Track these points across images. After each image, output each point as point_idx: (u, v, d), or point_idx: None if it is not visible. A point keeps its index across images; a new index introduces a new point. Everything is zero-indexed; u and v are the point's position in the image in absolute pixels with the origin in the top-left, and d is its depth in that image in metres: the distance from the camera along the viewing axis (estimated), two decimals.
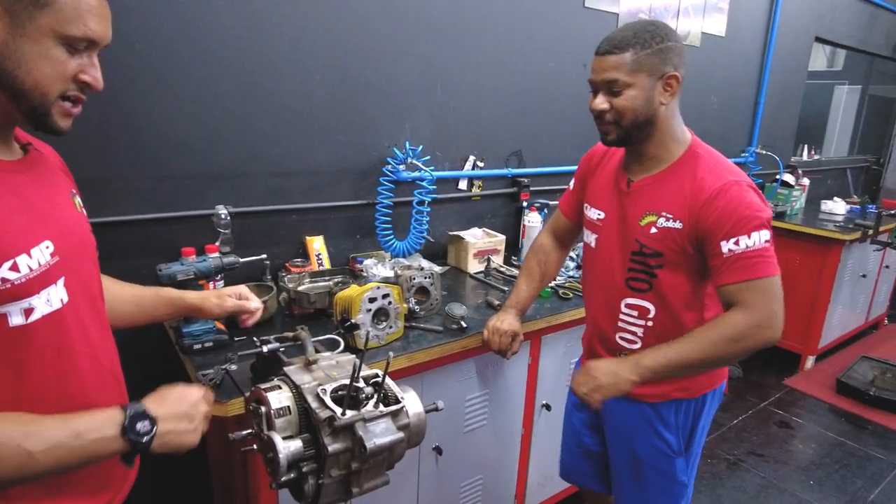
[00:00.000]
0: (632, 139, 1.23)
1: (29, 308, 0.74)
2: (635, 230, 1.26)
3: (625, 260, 1.29)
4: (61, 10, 0.71)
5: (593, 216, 1.37)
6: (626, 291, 1.31)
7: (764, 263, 1.13)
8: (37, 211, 0.78)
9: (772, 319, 1.13)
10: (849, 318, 3.87)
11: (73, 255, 0.82)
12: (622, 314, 1.33)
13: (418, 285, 1.65)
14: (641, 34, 1.16)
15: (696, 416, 1.35)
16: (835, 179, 4.78)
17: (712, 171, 1.19)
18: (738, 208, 1.13)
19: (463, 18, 2.14)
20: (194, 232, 1.69)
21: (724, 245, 1.14)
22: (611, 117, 1.21)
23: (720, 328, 1.15)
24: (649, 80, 1.17)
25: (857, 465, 2.70)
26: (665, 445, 1.35)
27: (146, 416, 0.78)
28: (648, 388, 1.29)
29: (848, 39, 4.19)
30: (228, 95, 1.70)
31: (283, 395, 0.95)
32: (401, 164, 2.02)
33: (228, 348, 1.41)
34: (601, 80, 1.19)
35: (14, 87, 0.72)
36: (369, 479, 0.95)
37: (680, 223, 1.20)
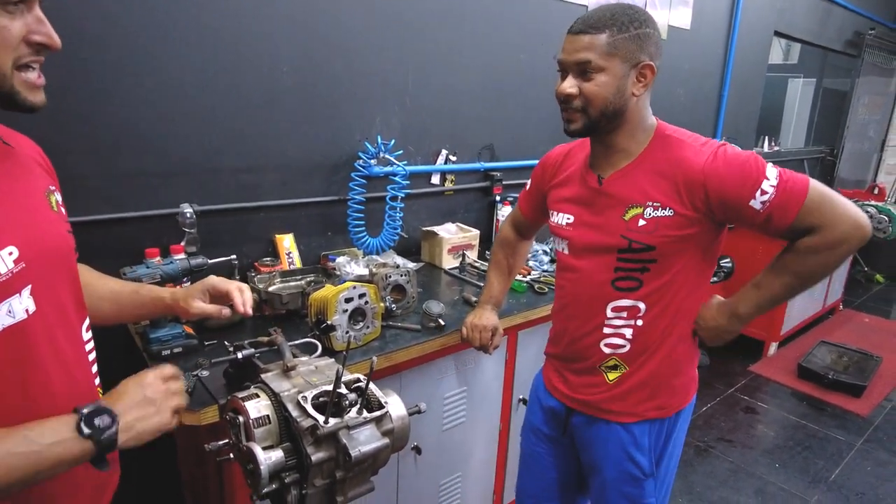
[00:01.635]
0: (598, 130, 1.16)
1: None
2: (619, 227, 1.18)
3: (610, 260, 1.21)
4: None
5: (561, 221, 1.29)
6: (612, 294, 1.22)
7: (794, 186, 1.07)
8: (3, 212, 0.71)
9: (851, 218, 1.07)
10: (808, 304, 4.02)
11: (42, 261, 0.75)
12: (608, 318, 1.23)
13: (394, 283, 1.62)
14: (620, 16, 1.09)
15: (668, 434, 1.31)
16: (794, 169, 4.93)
17: (688, 147, 1.13)
18: (736, 167, 1.08)
19: (433, 9, 2.10)
20: (158, 232, 1.61)
21: (754, 203, 1.08)
22: (579, 103, 1.13)
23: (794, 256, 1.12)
24: (623, 67, 1.10)
25: (818, 446, 2.80)
26: (636, 468, 1.29)
27: (103, 410, 0.72)
28: (625, 405, 1.26)
29: (804, 34, 4.32)
30: (190, 87, 1.62)
31: (262, 403, 0.90)
32: (372, 159, 1.97)
33: (198, 353, 1.35)
34: (573, 60, 1.11)
35: None
36: (354, 487, 0.92)
37: (671, 210, 1.13)
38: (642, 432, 1.28)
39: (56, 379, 0.78)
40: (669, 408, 1.28)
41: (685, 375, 1.29)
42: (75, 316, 0.84)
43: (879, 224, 3.18)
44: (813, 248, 1.09)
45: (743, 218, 1.11)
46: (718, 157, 1.10)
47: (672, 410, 1.28)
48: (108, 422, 0.72)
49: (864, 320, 4.48)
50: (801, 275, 1.14)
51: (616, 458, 1.30)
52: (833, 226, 1.07)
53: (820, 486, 2.50)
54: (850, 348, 3.68)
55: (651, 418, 1.27)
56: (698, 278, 1.23)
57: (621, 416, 1.28)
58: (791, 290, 1.17)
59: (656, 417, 1.27)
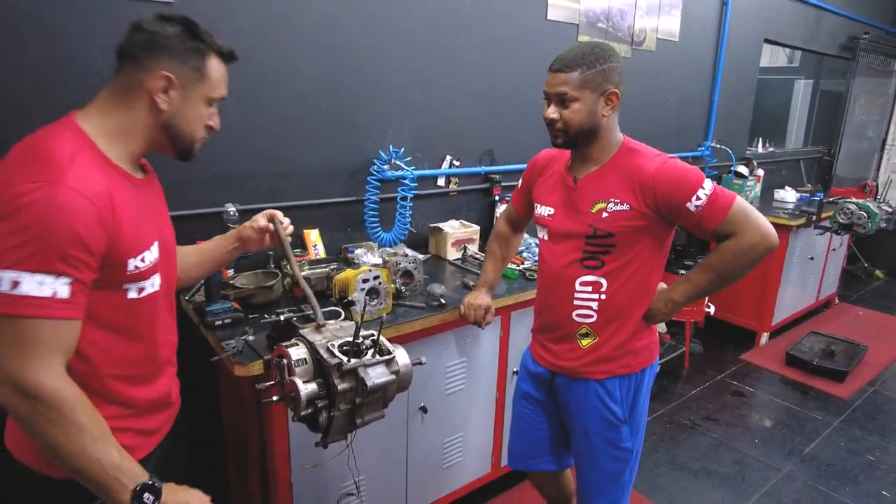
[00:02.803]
0: (577, 144, 1.47)
1: (141, 288, 1.02)
2: (587, 217, 1.47)
3: (579, 244, 1.48)
4: (211, 81, 1.04)
5: (544, 213, 1.58)
6: (580, 270, 1.49)
7: (724, 197, 1.37)
8: (153, 219, 1.06)
9: (761, 231, 1.36)
10: (800, 297, 4.22)
11: (166, 254, 1.10)
12: (577, 292, 1.51)
13: (403, 269, 1.92)
14: (588, 56, 1.39)
15: (636, 388, 1.58)
16: (790, 170, 5.14)
17: (644, 157, 1.44)
18: (679, 175, 1.38)
19: (438, 34, 2.41)
20: (207, 227, 1.93)
21: (689, 205, 1.36)
22: (560, 125, 1.44)
23: (718, 255, 1.40)
24: (593, 96, 1.40)
25: (797, 425, 3.04)
26: (612, 416, 1.56)
27: (158, 493, 0.95)
28: (597, 367, 1.54)
29: (794, 40, 4.54)
30: (233, 106, 1.94)
31: (301, 350, 1.21)
32: (385, 165, 2.28)
33: (244, 323, 1.67)
34: (553, 92, 1.43)
35: (177, 135, 1.04)
36: (369, 412, 1.22)
37: (627, 205, 1.41)
38: (614, 386, 1.56)
39: (163, 330, 1.13)
40: (635, 365, 1.56)
41: (646, 340, 1.58)
42: (174, 290, 1.20)
43: (859, 220, 3.39)
44: (730, 249, 1.39)
45: (681, 216, 1.41)
46: (667, 166, 1.40)
47: (638, 367, 1.57)
48: (151, 500, 0.94)
49: (858, 313, 4.66)
50: (720, 272, 1.44)
51: (595, 408, 1.57)
52: (746, 233, 1.37)
53: (794, 459, 2.74)
54: (838, 338, 3.89)
55: (620, 374, 1.55)
56: (653, 263, 1.52)
57: (595, 374, 1.55)
58: (713, 284, 1.47)
59: (624, 373, 1.56)
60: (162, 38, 0.98)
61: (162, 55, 0.98)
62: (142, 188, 1.05)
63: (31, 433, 0.89)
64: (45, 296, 0.85)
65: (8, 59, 1.55)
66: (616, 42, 3.13)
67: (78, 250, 0.87)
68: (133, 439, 1.08)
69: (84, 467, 0.90)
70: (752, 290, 3.89)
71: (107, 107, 0.99)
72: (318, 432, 1.21)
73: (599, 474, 1.61)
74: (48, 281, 0.85)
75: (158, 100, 0.99)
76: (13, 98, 1.58)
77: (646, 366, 1.59)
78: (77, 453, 0.89)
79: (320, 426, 1.19)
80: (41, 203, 0.84)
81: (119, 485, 0.92)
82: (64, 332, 0.89)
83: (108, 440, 0.93)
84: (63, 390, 0.89)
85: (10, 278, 0.83)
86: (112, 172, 0.97)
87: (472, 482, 2.22)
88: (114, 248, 0.93)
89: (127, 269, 0.97)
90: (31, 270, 0.84)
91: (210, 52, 1.04)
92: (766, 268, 3.81)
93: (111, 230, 0.92)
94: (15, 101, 1.58)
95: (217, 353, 1.56)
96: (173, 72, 0.99)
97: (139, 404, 1.08)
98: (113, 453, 0.92)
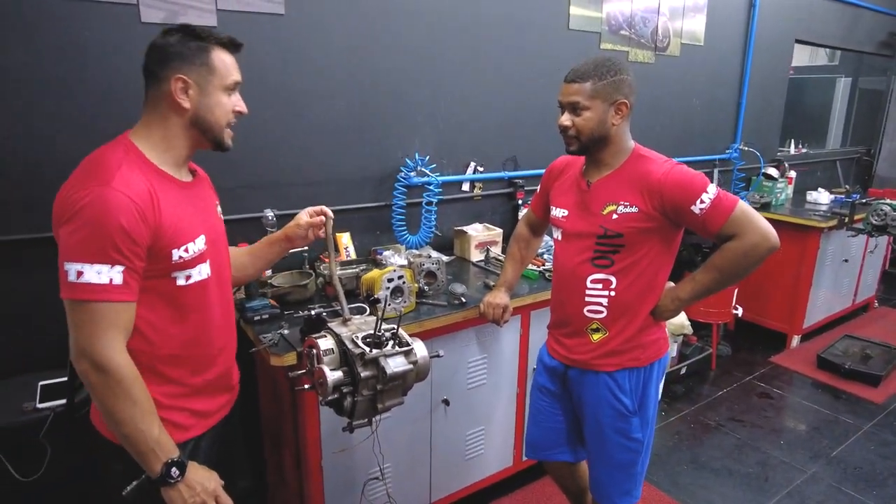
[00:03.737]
0: (589, 150, 1.57)
1: (188, 276, 1.17)
2: (599, 218, 1.57)
3: (591, 243, 1.57)
4: (220, 71, 1.16)
5: (559, 214, 1.69)
6: (591, 269, 1.58)
7: (727, 200, 1.45)
8: (199, 215, 1.21)
9: (761, 232, 1.43)
10: (833, 300, 4.15)
11: (215, 246, 1.26)
12: (588, 289, 1.60)
13: (427, 269, 2.05)
14: (600, 68, 1.50)
15: (645, 381, 1.66)
16: (826, 171, 5.05)
17: (654, 163, 1.53)
18: (685, 180, 1.47)
19: (462, 47, 2.53)
20: (247, 230, 2.11)
21: (694, 208, 1.44)
22: (573, 132, 1.54)
23: (721, 256, 1.48)
24: (604, 105, 1.50)
25: (825, 427, 3.02)
26: (622, 407, 1.64)
27: (183, 469, 1.11)
28: (607, 360, 1.62)
29: (829, 39, 4.48)
30: (272, 121, 2.12)
31: (329, 341, 1.35)
32: (412, 171, 2.42)
33: (280, 319, 1.83)
34: (567, 101, 1.54)
35: (205, 126, 1.17)
36: (389, 399, 1.35)
37: (636, 208, 1.50)
38: (623, 377, 1.64)
39: (216, 316, 1.27)
40: (643, 359, 1.64)
41: (654, 335, 1.65)
42: (228, 278, 1.35)
43: (893, 221, 3.34)
44: (733, 249, 1.47)
45: (687, 219, 1.49)
46: (674, 171, 1.50)
47: (646, 361, 1.65)
48: (177, 474, 1.11)
49: None
50: (724, 271, 1.51)
51: (606, 399, 1.65)
52: (748, 235, 1.45)
53: (820, 461, 2.73)
54: (875, 342, 3.81)
55: (629, 367, 1.64)
56: (661, 262, 1.60)
57: (605, 367, 1.64)
58: (717, 283, 1.54)
59: (633, 366, 1.64)
60: (168, 48, 1.12)
61: (172, 62, 1.12)
62: (188, 189, 1.21)
63: (97, 400, 1.07)
64: (103, 283, 1.02)
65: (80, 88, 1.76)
66: (639, 49, 3.19)
67: (125, 240, 1.02)
68: (188, 419, 1.23)
69: (131, 435, 1.07)
70: (782, 292, 3.87)
71: (148, 122, 1.16)
72: (343, 416, 1.34)
73: (611, 464, 1.70)
74: (105, 270, 1.02)
75: (180, 100, 1.13)
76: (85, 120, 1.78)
77: (654, 360, 1.66)
78: (127, 422, 1.06)
79: (345, 410, 1.32)
80: (93, 204, 1.01)
81: (154, 456, 1.09)
82: (122, 313, 1.06)
83: (153, 417, 1.09)
84: (125, 366, 1.06)
85: (76, 269, 1.01)
86: (158, 176, 1.13)
87: (493, 474, 2.32)
88: (157, 239, 1.08)
89: (172, 259, 1.12)
90: (90, 261, 1.01)
91: (211, 46, 1.15)
92: (796, 269, 3.78)
93: (152, 224, 1.07)
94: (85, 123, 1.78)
95: (255, 345, 1.72)
96: (185, 73, 1.12)
97: (193, 385, 1.23)
98: (154, 429, 1.09)
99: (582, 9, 2.89)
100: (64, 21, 1.70)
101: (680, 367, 3.39)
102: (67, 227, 1.02)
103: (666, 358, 1.72)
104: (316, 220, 1.48)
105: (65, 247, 1.02)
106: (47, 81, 1.72)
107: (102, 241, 1.01)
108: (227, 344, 1.34)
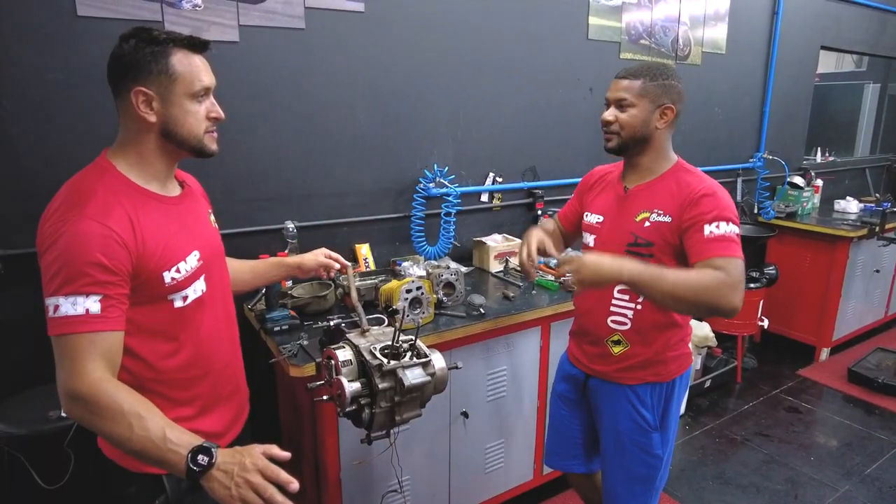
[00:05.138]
0: (628, 150, 1.54)
1: (185, 296, 1.13)
2: (631, 225, 1.54)
3: (620, 251, 1.51)
4: (184, 78, 1.06)
5: (593, 220, 1.66)
6: None
7: (738, 247, 1.39)
8: (189, 230, 1.16)
9: (738, 288, 1.31)
10: (865, 311, 4.03)
11: (210, 259, 1.21)
12: (615, 299, 1.57)
13: (445, 280, 2.04)
14: (653, 69, 1.50)
15: (667, 397, 1.62)
16: (855, 179, 4.93)
17: (699, 178, 1.50)
18: (721, 206, 1.41)
19: (480, 58, 2.54)
20: (268, 242, 2.13)
21: (707, 228, 1.38)
22: (615, 128, 1.52)
23: (699, 274, 1.33)
24: (650, 106, 1.49)
25: (858, 444, 2.92)
26: (643, 421, 1.61)
27: (211, 454, 0.95)
28: (629, 374, 1.59)
29: (856, 45, 4.39)
30: (291, 134, 2.14)
31: (347, 352, 1.35)
32: (430, 183, 2.42)
33: (299, 329, 1.84)
34: (614, 97, 1.52)
35: (178, 138, 1.09)
36: (407, 411, 1.33)
37: (669, 217, 1.46)
38: (644, 392, 1.61)
39: (218, 329, 1.25)
40: (666, 375, 1.60)
41: (677, 351, 1.61)
42: (227, 290, 1.32)
43: None
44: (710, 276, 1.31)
45: (690, 235, 1.42)
46: (716, 193, 1.43)
47: (668, 377, 1.61)
48: (205, 462, 0.95)
49: None
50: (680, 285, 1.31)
51: (627, 412, 1.62)
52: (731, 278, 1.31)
53: (852, 479, 2.64)
54: None
55: (651, 381, 1.60)
56: None
57: (626, 380, 1.61)
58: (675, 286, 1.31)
59: (655, 381, 1.60)
60: (122, 58, 1.03)
61: (128, 74, 1.03)
62: (175, 204, 1.15)
63: (90, 429, 1.00)
64: (79, 314, 0.97)
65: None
66: (659, 58, 3.16)
67: (99, 271, 0.97)
68: None
69: (138, 447, 0.97)
70: (810, 304, 3.77)
71: (122, 139, 1.10)
72: (361, 427, 1.34)
73: (630, 477, 1.65)
74: (80, 301, 0.97)
75: (144, 115, 1.04)
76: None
77: (676, 376, 1.62)
78: (127, 437, 0.96)
79: (363, 422, 1.32)
80: (66, 235, 0.97)
81: (174, 455, 0.95)
82: (101, 342, 0.99)
83: (151, 418, 0.97)
84: (98, 383, 0.97)
85: (52, 304, 0.97)
86: (140, 196, 1.08)
87: (513, 488, 2.29)
88: (143, 263, 1.04)
89: (165, 282, 1.08)
90: (64, 294, 0.96)
91: (170, 50, 1.04)
92: (826, 281, 3.69)
93: (133, 249, 1.02)
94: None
95: (275, 355, 1.73)
96: (144, 84, 1.03)
97: (201, 405, 1.20)
98: (157, 430, 0.96)
99: (601, 19, 2.89)
100: (87, 37, 1.75)
101: (704, 379, 3.32)
102: (44, 261, 1.00)
103: (688, 373, 1.68)
104: (331, 263, 1.53)
105: (43, 282, 0.99)
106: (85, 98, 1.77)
107: (75, 274, 0.96)
108: (232, 359, 1.30)
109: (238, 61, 1.98)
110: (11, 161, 1.72)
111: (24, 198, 1.73)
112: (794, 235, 3.80)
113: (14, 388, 1.76)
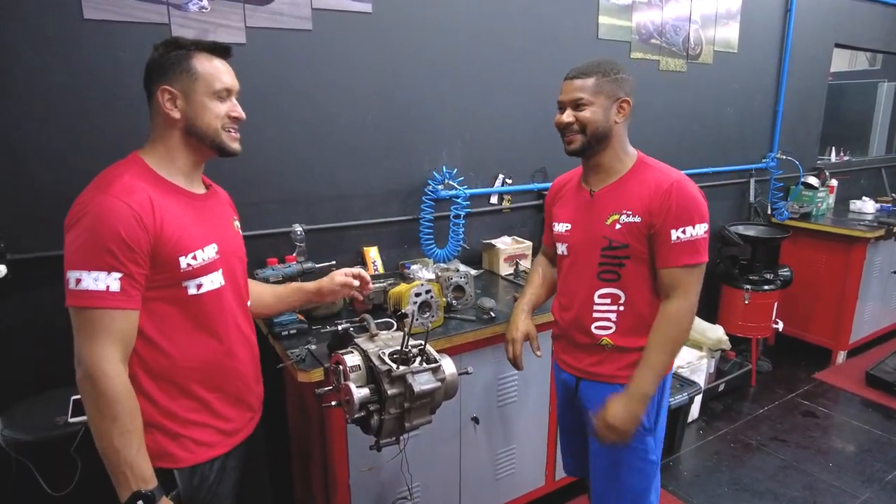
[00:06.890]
0: (591, 148, 1.50)
1: (199, 284, 1.17)
2: (603, 229, 1.49)
3: (595, 257, 1.51)
4: (205, 77, 1.16)
5: (561, 230, 1.61)
6: (598, 283, 1.52)
7: (702, 251, 1.42)
8: (210, 225, 1.22)
9: (694, 304, 1.44)
10: (882, 314, 3.96)
11: (228, 255, 1.25)
12: (596, 304, 1.53)
13: (455, 284, 2.01)
14: (602, 65, 1.48)
15: (659, 396, 1.57)
16: (870, 179, 4.85)
17: (662, 172, 1.48)
18: (687, 202, 1.41)
19: (490, 56, 2.51)
20: (276, 245, 2.11)
21: (673, 233, 1.41)
22: (577, 127, 1.48)
23: (673, 326, 1.45)
24: (607, 102, 1.46)
25: (878, 450, 2.85)
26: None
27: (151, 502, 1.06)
28: (622, 372, 1.53)
29: (871, 43, 4.32)
30: (298, 135, 2.12)
31: (355, 357, 1.32)
32: (439, 185, 2.40)
33: (308, 334, 1.81)
34: (569, 99, 1.48)
35: (199, 133, 1.17)
36: (417, 417, 1.31)
37: (639, 217, 1.45)
38: None
39: (236, 325, 1.26)
40: None
41: None
42: (244, 291, 1.34)
43: None
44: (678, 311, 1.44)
45: (657, 237, 1.44)
46: (680, 186, 1.43)
47: None
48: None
49: None
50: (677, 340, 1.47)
51: None
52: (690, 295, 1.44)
53: (873, 486, 2.58)
54: None
55: None
56: None
57: (619, 379, 1.54)
58: (672, 355, 1.49)
59: None
60: (152, 63, 1.16)
61: (156, 76, 1.15)
62: (198, 200, 1.23)
63: (85, 407, 1.06)
64: (100, 289, 1.03)
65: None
66: (670, 57, 3.12)
67: (121, 246, 1.04)
68: (211, 436, 1.22)
69: (105, 450, 1.05)
70: (826, 306, 3.71)
71: (153, 138, 1.19)
72: (370, 434, 1.31)
73: (623, 491, 1.59)
74: (102, 276, 1.03)
75: (168, 111, 1.15)
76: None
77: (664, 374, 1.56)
78: (103, 436, 1.05)
79: (372, 428, 1.29)
80: (92, 212, 1.04)
81: (125, 479, 1.05)
82: (119, 321, 1.06)
83: (133, 438, 1.06)
84: (112, 379, 1.04)
85: (75, 277, 1.03)
86: (164, 186, 1.16)
87: (525, 494, 2.25)
88: (160, 246, 1.09)
89: (180, 267, 1.13)
90: (88, 269, 1.03)
91: (192, 53, 1.16)
92: (842, 283, 3.62)
93: (152, 230, 1.08)
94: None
95: (283, 360, 1.71)
96: (169, 83, 1.14)
97: (215, 398, 1.22)
98: (131, 450, 1.05)
99: (611, 18, 2.85)
100: (93, 40, 1.74)
101: (718, 383, 3.26)
102: (69, 236, 1.06)
103: (671, 373, 1.63)
104: (351, 280, 1.51)
105: (67, 255, 1.05)
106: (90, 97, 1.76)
107: (98, 248, 1.03)
108: (248, 357, 1.32)
109: (245, 63, 1.96)
110: (18, 165, 1.71)
111: (30, 202, 1.73)
112: (808, 237, 3.74)
113: (21, 392, 1.75)
